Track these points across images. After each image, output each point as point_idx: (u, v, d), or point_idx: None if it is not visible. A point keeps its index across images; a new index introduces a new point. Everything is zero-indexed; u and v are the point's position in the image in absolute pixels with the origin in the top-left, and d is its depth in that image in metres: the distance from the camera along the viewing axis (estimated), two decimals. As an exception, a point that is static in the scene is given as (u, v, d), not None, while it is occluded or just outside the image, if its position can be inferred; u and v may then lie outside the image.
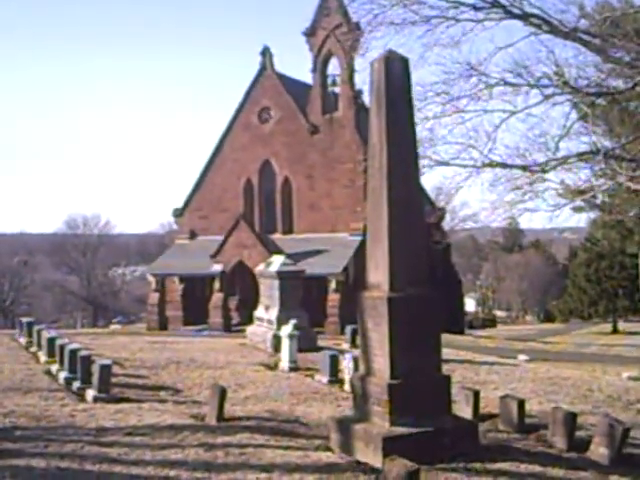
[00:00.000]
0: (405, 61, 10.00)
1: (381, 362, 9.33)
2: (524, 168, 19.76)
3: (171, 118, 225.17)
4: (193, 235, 44.86)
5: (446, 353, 10.65)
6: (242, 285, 41.55)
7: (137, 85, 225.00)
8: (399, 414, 9.06)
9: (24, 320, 24.34)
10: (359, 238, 38.29)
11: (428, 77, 33.95)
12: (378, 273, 9.65)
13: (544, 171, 19.86)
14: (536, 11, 18.58)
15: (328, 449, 9.54)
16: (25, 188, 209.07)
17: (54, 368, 16.38)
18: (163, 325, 41.77)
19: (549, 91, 19.30)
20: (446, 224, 54.23)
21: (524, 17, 18.73)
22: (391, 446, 8.58)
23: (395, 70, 9.79)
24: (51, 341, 17.96)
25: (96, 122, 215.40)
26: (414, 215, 9.84)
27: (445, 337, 10.10)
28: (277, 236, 42.02)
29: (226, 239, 40.42)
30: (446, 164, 19.84)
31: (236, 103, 44.11)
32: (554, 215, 20.69)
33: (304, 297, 25.90)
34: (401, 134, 9.74)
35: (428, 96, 19.18)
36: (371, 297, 9.63)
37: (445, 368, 10.30)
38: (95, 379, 13.37)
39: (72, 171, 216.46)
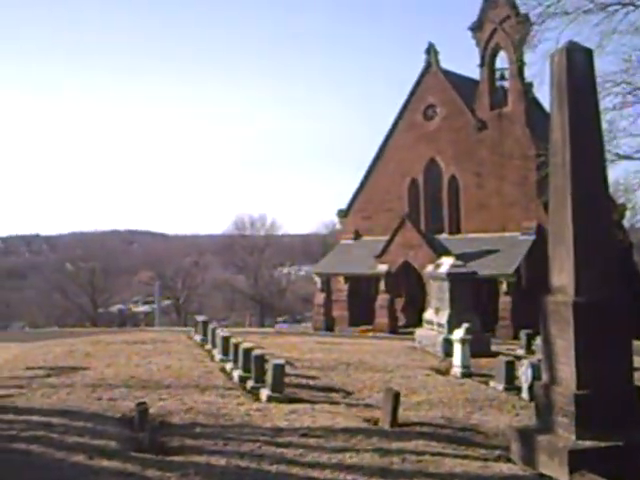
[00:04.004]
0: (588, 52, 9.57)
1: (566, 370, 8.85)
2: None
3: (335, 119, 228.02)
4: (357, 235, 44.97)
5: (637, 361, 9.91)
6: (408, 286, 41.19)
7: (301, 86, 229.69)
8: (586, 426, 8.56)
9: (199, 319, 25.22)
10: (532, 237, 37.09)
11: (606, 67, 32.23)
12: (562, 276, 9.16)
13: None
14: None
15: (509, 460, 9.17)
16: (196, 191, 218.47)
17: (228, 366, 16.81)
18: (330, 325, 42.15)
19: None
20: (626, 221, 51.23)
21: None
22: (578, 460, 8.16)
23: (577, 62, 9.34)
24: (225, 340, 18.46)
25: (259, 124, 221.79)
26: (600, 214, 9.33)
27: (635, 344, 9.42)
28: (444, 236, 41.31)
29: (391, 239, 40.20)
30: (629, 158, 18.78)
31: (400, 102, 43.96)
32: None
33: (474, 300, 25.25)
34: (585, 129, 9.28)
35: (607, 87, 18.27)
36: (555, 301, 9.16)
37: (637, 377, 9.62)
38: (269, 378, 13.55)
39: (240, 173, 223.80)
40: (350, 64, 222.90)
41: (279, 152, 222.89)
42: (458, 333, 19.05)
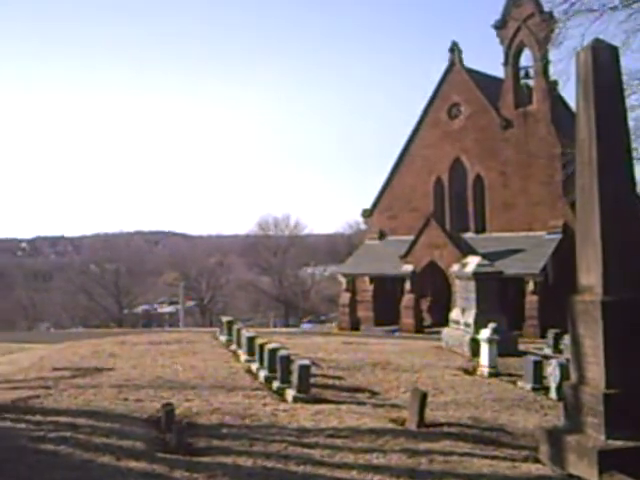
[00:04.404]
0: (614, 50, 9.53)
1: (595, 370, 8.77)
2: None
3: (359, 117, 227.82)
4: (382, 235, 44.87)
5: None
6: (433, 286, 41.04)
7: (325, 86, 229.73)
8: (616, 426, 8.48)
9: (224, 319, 25.27)
10: (558, 237, 36.83)
11: (632, 64, 31.91)
12: (590, 275, 9.08)
13: None
14: None
15: (537, 461, 9.11)
16: (220, 192, 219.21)
17: (254, 367, 16.82)
18: (355, 325, 42.10)
19: None
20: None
21: None
22: (607, 460, 8.10)
23: (603, 60, 9.30)
24: (251, 340, 18.47)
25: (284, 124, 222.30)
26: (628, 213, 9.23)
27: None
28: (469, 235, 41.11)
29: (417, 239, 40.07)
30: (656, 157, 18.48)
31: (424, 101, 43.84)
32: None
33: (501, 299, 25.09)
34: (612, 127, 9.24)
35: (633, 84, 18.02)
36: (583, 301, 9.08)
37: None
38: (294, 379, 13.54)
39: (264, 173, 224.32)
40: (374, 62, 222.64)
41: (303, 152, 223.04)
42: (485, 333, 18.93)
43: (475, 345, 20.43)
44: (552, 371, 14.95)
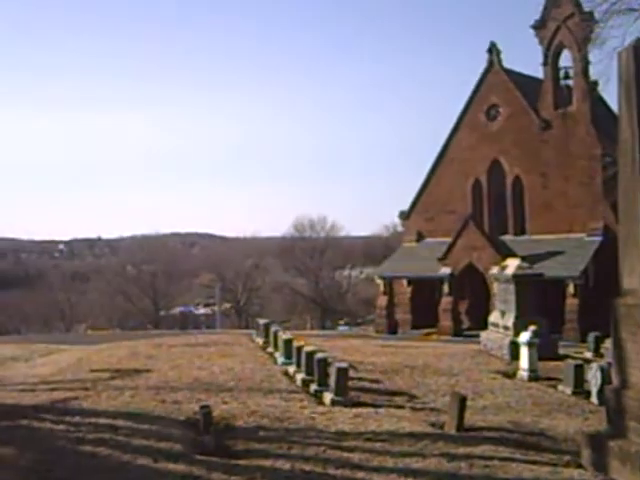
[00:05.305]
0: (656, 49, 9.23)
1: (638, 375, 8.59)
2: None
3: (396, 119, 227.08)
4: (420, 237, 44.67)
5: None
6: (472, 288, 40.70)
7: (361, 85, 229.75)
8: (660, 432, 8.26)
9: (260, 321, 25.29)
10: (598, 239, 36.35)
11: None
12: (633, 278, 8.91)
13: None
14: None
15: (579, 466, 8.95)
16: (256, 193, 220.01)
17: (291, 369, 16.79)
18: (392, 328, 41.93)
19: None
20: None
21: None
22: (652, 466, 7.87)
23: (646, 60, 9.04)
24: (287, 342, 18.45)
25: (321, 126, 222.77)
26: (673, 214, 8.98)
27: None
28: (508, 238, 40.73)
29: (455, 241, 39.79)
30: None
31: (462, 102, 43.56)
32: None
33: (540, 302, 24.79)
34: (656, 128, 8.95)
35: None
36: (625, 304, 8.90)
37: None
38: (332, 382, 13.48)
39: (300, 174, 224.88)
40: (410, 64, 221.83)
41: (340, 153, 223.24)
42: (525, 336, 18.72)
43: (515, 348, 20.21)
44: (593, 375, 14.73)
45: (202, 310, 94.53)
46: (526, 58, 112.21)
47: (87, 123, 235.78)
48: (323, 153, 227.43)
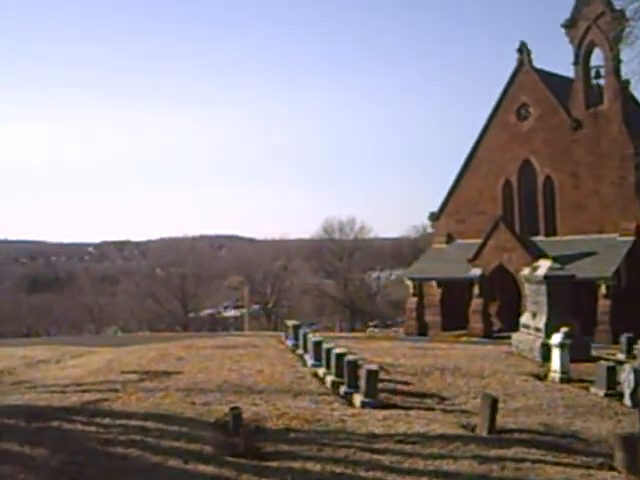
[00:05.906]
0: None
1: (674, 377, 8.43)
2: None
3: (425, 120, 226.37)
4: (450, 239, 44.36)
5: None
6: (502, 290, 40.33)
7: (390, 86, 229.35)
8: (696, 435, 8.12)
9: (289, 323, 25.26)
10: (631, 239, 35.89)
11: None
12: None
13: None
14: None
15: (612, 468, 8.84)
16: (285, 195, 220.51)
17: (321, 371, 16.74)
18: (422, 330, 41.67)
19: None
20: None
21: None
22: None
23: (678, 57, 8.88)
24: (317, 344, 18.40)
25: (349, 128, 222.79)
26: None
27: None
28: (539, 238, 40.30)
29: (485, 242, 39.45)
30: None
31: (492, 102, 43.23)
32: None
33: (572, 303, 24.49)
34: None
35: None
36: (661, 305, 8.74)
37: None
38: (362, 384, 13.42)
39: (329, 176, 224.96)
40: (438, 65, 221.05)
41: (369, 155, 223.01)
42: (556, 337, 18.51)
43: (546, 350, 19.99)
44: (626, 377, 14.53)
45: (231, 312, 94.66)
46: (556, 57, 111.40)
47: (121, 125, 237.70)
48: (353, 155, 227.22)
